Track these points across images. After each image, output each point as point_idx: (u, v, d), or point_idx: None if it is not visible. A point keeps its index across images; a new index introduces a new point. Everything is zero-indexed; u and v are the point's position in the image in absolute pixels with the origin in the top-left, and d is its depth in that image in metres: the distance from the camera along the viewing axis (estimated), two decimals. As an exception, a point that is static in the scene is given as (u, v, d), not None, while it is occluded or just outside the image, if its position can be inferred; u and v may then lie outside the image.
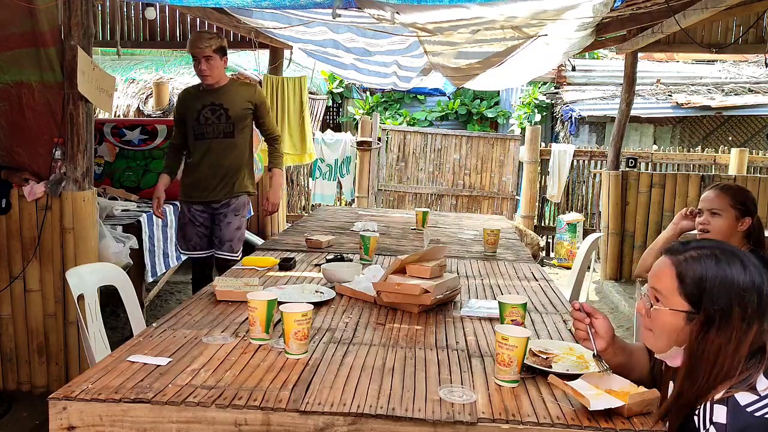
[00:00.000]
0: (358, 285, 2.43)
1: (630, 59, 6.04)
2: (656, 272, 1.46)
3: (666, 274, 1.42)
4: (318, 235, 3.43)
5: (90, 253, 3.17)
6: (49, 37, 3.13)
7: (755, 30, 5.50)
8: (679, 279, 1.40)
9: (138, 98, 7.72)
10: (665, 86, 9.84)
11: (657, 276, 1.45)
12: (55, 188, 3.14)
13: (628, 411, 1.46)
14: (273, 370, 1.67)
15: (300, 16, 4.07)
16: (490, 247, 3.36)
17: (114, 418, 1.45)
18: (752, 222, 2.43)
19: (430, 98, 12.05)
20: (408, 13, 3.35)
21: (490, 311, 2.24)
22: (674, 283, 1.40)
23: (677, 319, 1.40)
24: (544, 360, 1.71)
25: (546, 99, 10.39)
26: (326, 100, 11.70)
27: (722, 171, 7.59)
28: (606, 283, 6.15)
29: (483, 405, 1.51)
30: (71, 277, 2.46)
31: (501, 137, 8.65)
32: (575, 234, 7.18)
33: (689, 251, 1.42)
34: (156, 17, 5.96)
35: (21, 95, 3.20)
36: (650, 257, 2.75)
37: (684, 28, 4.06)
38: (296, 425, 1.44)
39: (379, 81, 7.23)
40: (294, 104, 6.55)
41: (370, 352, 1.83)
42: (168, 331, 1.95)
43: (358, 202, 7.85)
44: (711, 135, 9.88)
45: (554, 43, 4.48)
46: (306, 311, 1.75)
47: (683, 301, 1.39)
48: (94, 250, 3.21)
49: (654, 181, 6.16)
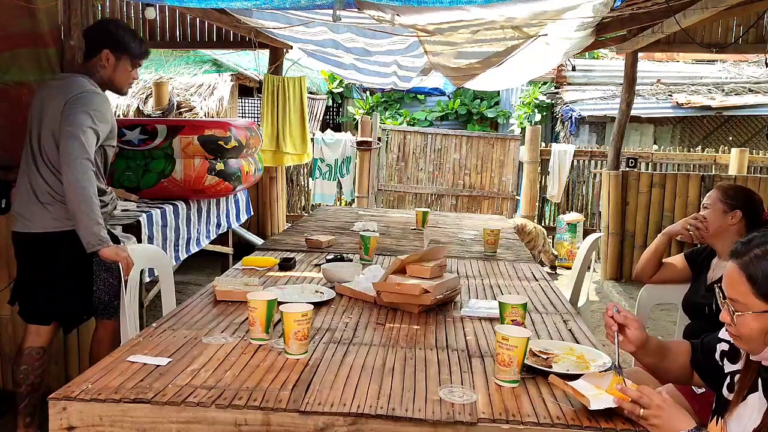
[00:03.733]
0: (358, 285, 2.43)
1: (630, 59, 6.04)
2: (728, 280, 1.42)
3: (736, 280, 1.39)
4: (318, 235, 3.42)
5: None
6: (49, 37, 3.12)
7: (755, 30, 5.50)
8: (751, 281, 1.37)
9: (138, 98, 7.72)
10: (665, 86, 9.84)
11: (729, 283, 1.42)
12: (55, 188, 3.13)
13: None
14: (273, 370, 1.67)
15: (300, 17, 4.07)
16: (490, 247, 3.36)
17: (114, 418, 1.45)
18: (744, 217, 2.43)
19: (430, 98, 12.06)
20: (408, 14, 3.35)
21: (490, 311, 2.24)
22: (747, 287, 1.37)
23: (761, 321, 1.36)
24: (544, 360, 1.71)
25: (546, 99, 10.39)
26: (326, 100, 11.71)
27: (722, 171, 7.59)
28: (606, 283, 6.15)
29: (483, 405, 1.51)
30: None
31: (501, 137, 8.65)
32: (575, 234, 7.17)
33: (752, 250, 1.39)
34: (156, 17, 5.96)
35: (21, 95, 3.20)
36: (647, 259, 2.76)
37: (684, 28, 4.06)
38: (296, 425, 1.44)
39: (379, 81, 7.23)
40: (294, 104, 6.55)
41: (370, 352, 1.83)
42: (168, 331, 1.95)
43: (358, 202, 7.85)
44: (711, 135, 9.88)
45: (554, 43, 4.48)
46: (306, 311, 1.75)
47: (761, 302, 1.36)
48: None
49: (654, 181, 6.16)
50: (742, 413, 1.44)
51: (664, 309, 4.69)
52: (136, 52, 2.70)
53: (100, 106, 2.56)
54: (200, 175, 4.56)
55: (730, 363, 1.59)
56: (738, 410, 1.45)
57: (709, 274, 2.51)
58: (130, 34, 2.70)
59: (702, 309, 2.44)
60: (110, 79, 2.69)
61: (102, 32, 2.69)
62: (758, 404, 1.40)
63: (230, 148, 4.68)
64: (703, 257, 2.59)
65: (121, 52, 2.66)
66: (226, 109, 7.70)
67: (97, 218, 2.44)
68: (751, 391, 1.44)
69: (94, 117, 2.52)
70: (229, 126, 4.77)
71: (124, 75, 2.71)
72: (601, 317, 5.27)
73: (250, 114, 9.30)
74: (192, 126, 4.59)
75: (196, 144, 4.53)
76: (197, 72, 8.34)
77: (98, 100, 2.58)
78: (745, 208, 2.45)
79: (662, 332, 4.53)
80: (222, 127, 4.70)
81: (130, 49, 2.67)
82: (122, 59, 2.67)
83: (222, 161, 4.67)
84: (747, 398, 1.44)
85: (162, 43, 6.31)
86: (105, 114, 2.57)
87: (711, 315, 2.36)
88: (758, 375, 1.43)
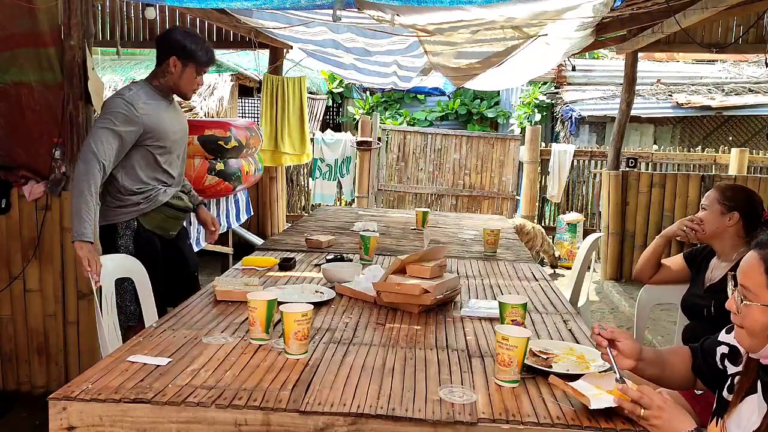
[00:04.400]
0: (358, 285, 2.43)
1: (630, 59, 6.04)
2: (744, 268, 1.39)
3: (754, 269, 1.36)
4: (318, 235, 3.42)
5: (90, 253, 3.17)
6: (49, 37, 3.13)
7: (755, 30, 5.50)
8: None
9: (138, 98, 7.71)
10: (665, 86, 9.84)
11: (745, 272, 1.39)
12: (55, 188, 3.14)
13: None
14: (273, 370, 1.67)
15: (300, 17, 4.07)
16: (490, 247, 3.36)
17: (114, 419, 1.45)
18: (742, 218, 2.42)
19: (430, 98, 12.06)
20: (408, 14, 3.35)
21: (490, 311, 2.24)
22: (763, 278, 1.34)
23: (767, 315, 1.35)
24: (544, 360, 1.71)
25: (546, 99, 10.39)
26: (326, 100, 11.71)
27: (722, 171, 7.60)
28: (606, 283, 6.15)
29: (483, 405, 1.51)
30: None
31: (501, 137, 8.65)
32: (575, 234, 7.17)
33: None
34: (156, 17, 5.95)
35: (21, 95, 3.20)
36: (645, 261, 2.76)
37: (684, 28, 4.06)
38: (296, 425, 1.44)
39: (379, 81, 7.23)
40: (294, 104, 6.55)
41: (370, 352, 1.83)
42: (168, 331, 1.95)
43: (358, 202, 7.85)
44: (711, 135, 9.89)
45: (554, 43, 4.48)
46: (306, 311, 1.75)
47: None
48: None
49: (654, 181, 6.16)
50: (741, 415, 1.43)
51: (664, 309, 4.69)
52: (202, 61, 2.83)
53: (117, 108, 2.69)
54: (200, 175, 4.57)
55: (732, 365, 1.58)
56: (737, 411, 1.45)
57: (707, 274, 2.51)
58: (197, 43, 2.82)
59: (700, 310, 2.44)
60: (176, 84, 2.84)
61: (170, 40, 2.82)
62: (757, 406, 1.40)
63: (230, 148, 4.68)
64: (702, 257, 2.59)
65: (187, 59, 2.79)
66: (226, 109, 7.70)
67: (80, 212, 2.54)
68: (749, 393, 1.44)
69: (113, 118, 2.66)
70: (229, 126, 4.77)
71: (190, 81, 2.85)
72: (601, 317, 5.27)
73: (250, 114, 9.31)
74: (192, 126, 4.57)
75: (196, 144, 4.53)
76: (197, 72, 8.33)
77: (115, 104, 2.70)
78: (743, 210, 2.43)
79: (662, 332, 4.53)
80: (222, 127, 4.70)
81: (196, 57, 2.81)
82: (188, 66, 2.80)
83: (222, 161, 4.67)
84: (745, 400, 1.44)
85: (162, 43, 6.30)
86: (127, 115, 2.68)
87: (710, 316, 2.36)
88: (757, 377, 1.43)
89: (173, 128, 2.88)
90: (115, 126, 2.64)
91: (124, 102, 2.69)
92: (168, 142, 2.86)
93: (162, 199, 2.88)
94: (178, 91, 2.88)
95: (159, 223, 2.90)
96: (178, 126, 2.93)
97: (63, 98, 3.10)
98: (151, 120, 2.77)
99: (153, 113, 2.78)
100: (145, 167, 2.83)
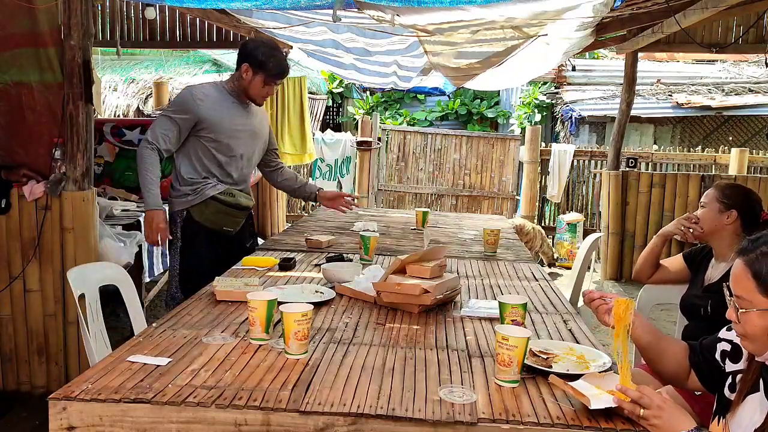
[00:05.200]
0: (358, 285, 2.43)
1: (630, 59, 6.04)
2: (734, 277, 1.42)
3: (742, 276, 1.39)
4: (318, 235, 3.42)
5: (90, 253, 3.17)
6: (49, 37, 3.13)
7: (755, 30, 5.50)
8: (756, 278, 1.36)
9: (138, 98, 7.73)
10: (665, 86, 9.84)
11: (735, 280, 1.41)
12: (55, 188, 3.14)
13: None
14: (273, 370, 1.66)
15: (300, 17, 4.07)
16: (490, 247, 3.36)
17: (114, 419, 1.45)
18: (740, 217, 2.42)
19: (430, 98, 12.06)
20: (408, 14, 3.35)
21: (490, 311, 2.24)
22: (752, 284, 1.37)
23: (765, 318, 1.36)
24: (544, 360, 1.71)
25: (546, 99, 10.39)
26: (326, 100, 11.71)
27: (722, 171, 7.60)
28: (606, 283, 6.15)
29: (483, 405, 1.50)
30: (72, 275, 2.45)
31: (501, 137, 8.65)
32: (575, 234, 7.17)
33: (760, 247, 1.38)
34: (156, 17, 5.96)
35: (21, 95, 3.20)
36: (644, 261, 2.76)
37: (684, 27, 4.06)
38: (296, 425, 1.44)
39: (379, 81, 7.23)
40: (294, 104, 6.55)
41: (370, 352, 1.83)
42: (168, 331, 1.95)
43: (358, 202, 7.85)
44: (711, 135, 9.89)
45: (554, 43, 4.48)
46: (306, 311, 1.74)
47: (765, 299, 1.35)
48: (94, 250, 3.21)
49: (654, 181, 6.16)
50: (743, 413, 1.43)
51: (664, 309, 4.69)
52: (271, 73, 2.99)
53: (179, 97, 3.04)
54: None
55: (732, 363, 1.58)
56: (739, 410, 1.45)
57: (706, 274, 2.51)
58: (270, 56, 2.98)
59: (698, 310, 2.43)
60: (245, 90, 3.04)
61: (246, 48, 3.02)
62: (759, 405, 1.40)
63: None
64: (701, 257, 2.59)
65: (257, 68, 2.97)
66: (226, 109, 7.68)
67: (143, 186, 2.93)
68: (751, 392, 1.44)
69: (172, 106, 3.05)
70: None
71: (257, 89, 3.03)
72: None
73: (250, 114, 9.27)
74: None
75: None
76: (197, 72, 8.35)
77: (180, 94, 3.05)
78: (742, 208, 2.43)
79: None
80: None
81: (266, 69, 2.97)
82: (258, 75, 2.99)
83: (222, 161, 4.66)
84: (747, 398, 1.44)
85: (162, 43, 6.31)
86: (183, 103, 2.96)
87: (708, 316, 2.36)
88: (759, 376, 1.43)
89: (234, 127, 3.03)
90: (172, 113, 2.94)
91: (187, 92, 2.99)
92: (224, 138, 3.01)
93: (209, 193, 3.01)
94: (249, 97, 3.06)
95: (208, 216, 3.03)
96: (243, 128, 3.07)
97: (63, 98, 3.10)
98: (208, 113, 2.95)
99: (212, 107, 2.96)
100: (201, 160, 3.01)
